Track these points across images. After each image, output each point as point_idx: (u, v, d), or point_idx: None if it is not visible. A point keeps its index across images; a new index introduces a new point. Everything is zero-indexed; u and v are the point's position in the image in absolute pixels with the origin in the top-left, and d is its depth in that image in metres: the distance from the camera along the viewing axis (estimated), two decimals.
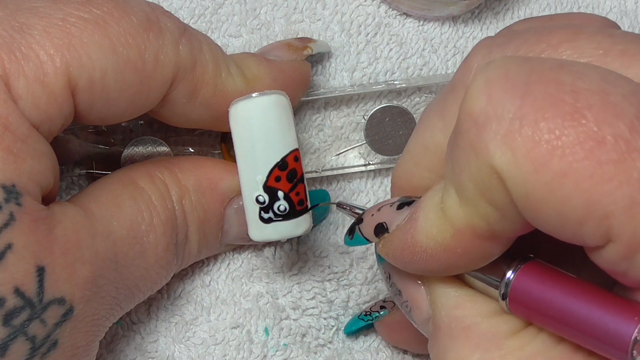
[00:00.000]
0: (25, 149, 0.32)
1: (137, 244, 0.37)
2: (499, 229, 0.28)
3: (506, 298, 0.29)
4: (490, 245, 0.29)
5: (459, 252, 0.29)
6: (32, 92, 0.33)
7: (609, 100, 0.25)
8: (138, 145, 0.42)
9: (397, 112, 0.42)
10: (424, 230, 0.30)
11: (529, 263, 0.29)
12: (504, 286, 0.29)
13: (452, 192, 0.28)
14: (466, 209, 0.28)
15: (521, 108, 0.26)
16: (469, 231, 0.28)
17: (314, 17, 0.44)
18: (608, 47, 0.29)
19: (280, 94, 0.37)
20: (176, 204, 0.38)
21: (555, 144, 0.25)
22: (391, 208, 0.32)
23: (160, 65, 0.35)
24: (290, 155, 0.37)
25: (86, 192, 0.37)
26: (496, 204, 0.27)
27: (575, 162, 0.25)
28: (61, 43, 0.33)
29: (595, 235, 0.26)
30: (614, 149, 0.25)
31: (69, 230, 0.33)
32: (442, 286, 0.32)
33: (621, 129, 0.25)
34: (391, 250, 0.32)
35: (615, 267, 0.26)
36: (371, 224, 0.33)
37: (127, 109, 0.36)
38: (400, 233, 0.31)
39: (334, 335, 0.44)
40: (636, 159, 0.25)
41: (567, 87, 0.26)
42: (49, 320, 0.33)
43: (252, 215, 0.37)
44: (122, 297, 0.37)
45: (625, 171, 0.25)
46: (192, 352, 0.43)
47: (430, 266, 0.30)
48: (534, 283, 0.29)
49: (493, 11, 0.45)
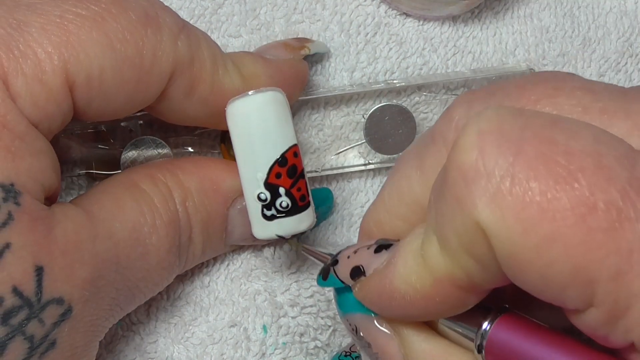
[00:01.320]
0: (24, 147, 0.32)
1: (140, 246, 0.37)
2: (478, 281, 0.28)
3: (482, 350, 0.29)
4: (469, 296, 0.28)
5: (437, 300, 0.29)
6: (31, 90, 0.33)
7: (602, 163, 0.25)
8: (138, 146, 0.42)
9: (397, 111, 0.42)
10: (403, 276, 0.29)
11: (505, 315, 0.29)
12: (480, 337, 0.29)
13: (433, 240, 0.28)
14: (447, 259, 0.28)
15: (513, 166, 0.25)
16: (449, 281, 0.28)
17: (313, 17, 0.44)
18: (588, 105, 0.28)
19: (277, 90, 0.37)
20: (179, 206, 0.38)
21: (546, 206, 0.25)
22: (368, 251, 0.32)
23: (159, 61, 0.35)
24: (290, 151, 0.36)
25: (87, 194, 0.37)
26: (478, 259, 0.27)
27: (565, 227, 0.24)
28: (59, 40, 0.33)
29: (577, 299, 0.25)
30: (605, 217, 0.24)
31: (69, 230, 0.33)
32: (416, 338, 0.31)
33: (613, 195, 0.24)
34: (368, 295, 0.31)
35: (596, 331, 0.26)
36: (347, 266, 0.32)
37: (126, 105, 0.36)
38: (379, 278, 0.30)
39: (330, 337, 0.44)
40: (626, 229, 0.24)
41: (561, 147, 0.25)
42: (47, 320, 0.33)
43: (254, 213, 0.37)
44: (122, 299, 0.37)
45: (615, 240, 0.24)
46: (191, 353, 0.43)
47: (408, 312, 0.30)
48: (510, 335, 0.28)
49: (493, 11, 0.45)
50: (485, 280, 0.27)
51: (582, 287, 0.25)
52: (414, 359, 0.31)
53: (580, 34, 0.45)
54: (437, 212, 0.28)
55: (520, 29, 0.45)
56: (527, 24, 0.45)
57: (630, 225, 0.24)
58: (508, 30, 0.45)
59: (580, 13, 0.46)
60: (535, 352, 0.27)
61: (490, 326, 0.29)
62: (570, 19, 0.45)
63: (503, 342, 0.28)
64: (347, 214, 0.44)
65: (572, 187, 0.25)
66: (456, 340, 0.31)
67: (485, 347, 0.29)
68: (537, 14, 0.45)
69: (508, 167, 0.25)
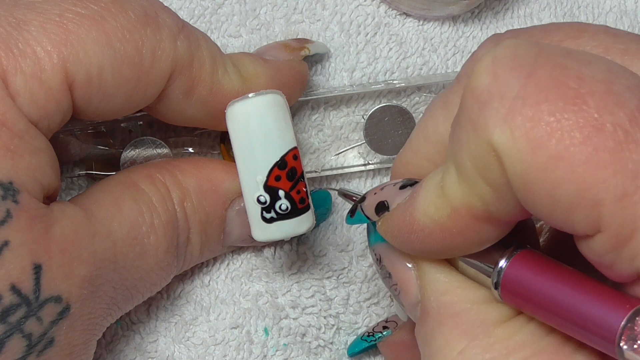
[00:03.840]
0: (23, 146, 0.32)
1: (138, 245, 0.37)
2: (494, 210, 0.28)
3: (498, 286, 0.29)
4: (486, 228, 0.29)
5: (455, 232, 0.29)
6: (30, 88, 0.33)
7: (613, 90, 0.25)
8: (137, 146, 0.42)
9: (397, 111, 0.42)
10: (423, 208, 0.30)
11: (523, 252, 0.29)
12: (497, 274, 0.29)
13: (452, 170, 0.28)
14: (464, 187, 0.28)
15: (525, 87, 0.26)
16: (466, 210, 0.28)
17: (313, 17, 0.44)
18: (609, 46, 0.29)
19: (277, 93, 0.37)
20: (177, 206, 0.38)
21: (555, 126, 0.25)
22: (394, 187, 0.32)
23: (158, 60, 0.35)
24: (289, 153, 0.36)
25: (86, 193, 0.37)
26: (492, 184, 0.27)
27: (572, 146, 0.25)
28: (58, 39, 0.33)
29: (584, 222, 0.26)
30: (612, 138, 0.25)
31: (67, 229, 0.33)
32: (433, 271, 0.32)
33: (621, 118, 0.25)
34: (390, 228, 0.32)
35: (602, 258, 0.26)
36: (373, 202, 0.33)
37: (125, 104, 0.36)
38: (400, 211, 0.31)
39: (334, 335, 0.44)
40: (633, 150, 0.25)
41: (573, 72, 0.26)
42: (46, 318, 0.33)
43: (254, 215, 0.37)
44: (120, 298, 0.37)
45: (621, 160, 0.25)
46: (192, 352, 0.43)
47: (427, 246, 0.30)
48: (526, 271, 0.29)
49: (493, 11, 0.45)
50: (500, 210, 0.28)
51: (588, 208, 0.25)
52: (429, 290, 0.31)
53: None
54: (453, 140, 0.28)
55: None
56: (527, 24, 0.45)
57: (636, 147, 0.25)
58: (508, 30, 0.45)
59: (580, 13, 0.46)
60: (550, 289, 0.27)
61: (507, 263, 0.29)
62: (570, 19, 0.45)
63: (519, 279, 0.29)
64: None
65: (581, 109, 0.25)
66: (475, 277, 0.31)
67: (501, 283, 0.29)
68: (537, 13, 0.45)
69: (520, 89, 0.26)
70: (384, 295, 0.44)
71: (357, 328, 0.44)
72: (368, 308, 0.44)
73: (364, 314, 0.44)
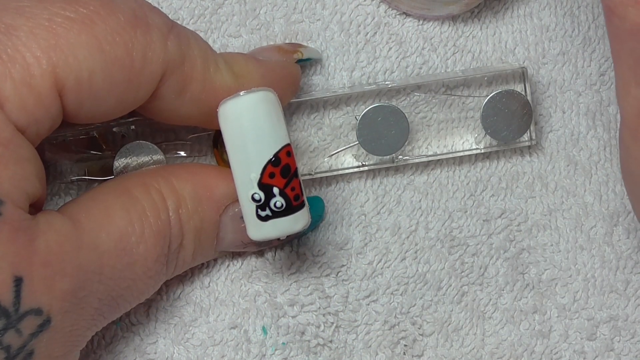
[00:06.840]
0: (7, 155, 0.32)
1: (126, 256, 0.36)
2: None
3: None
4: None
5: None
6: (19, 94, 0.32)
7: None
8: (130, 151, 0.42)
9: (389, 111, 0.42)
10: None
11: None
12: None
13: None
14: None
15: None
16: None
17: (313, 17, 0.44)
18: None
19: (268, 90, 0.37)
20: (172, 213, 0.38)
21: None
22: None
23: (149, 62, 0.35)
24: (283, 150, 0.36)
25: (78, 201, 0.37)
26: None
27: None
28: (47, 44, 0.33)
29: None
30: None
31: (52, 241, 0.33)
32: None
33: None
34: None
35: None
36: None
37: (117, 107, 0.36)
38: None
39: (333, 333, 0.43)
40: None
41: None
42: (25, 330, 0.32)
43: (249, 214, 0.37)
44: (105, 308, 0.36)
45: None
46: (191, 354, 0.43)
47: None
48: None
49: (493, 10, 0.45)
50: None
51: None
52: None
53: (581, 33, 0.45)
54: None
55: (520, 28, 0.45)
56: (527, 23, 0.45)
57: None
58: (508, 29, 0.45)
59: (580, 12, 0.45)
60: None
61: None
62: (570, 18, 0.45)
63: None
64: (347, 213, 0.44)
65: None
66: None
67: None
68: (537, 13, 0.45)
69: None
70: (383, 292, 0.44)
71: (356, 326, 0.44)
72: (367, 306, 0.44)
73: (363, 311, 0.44)
